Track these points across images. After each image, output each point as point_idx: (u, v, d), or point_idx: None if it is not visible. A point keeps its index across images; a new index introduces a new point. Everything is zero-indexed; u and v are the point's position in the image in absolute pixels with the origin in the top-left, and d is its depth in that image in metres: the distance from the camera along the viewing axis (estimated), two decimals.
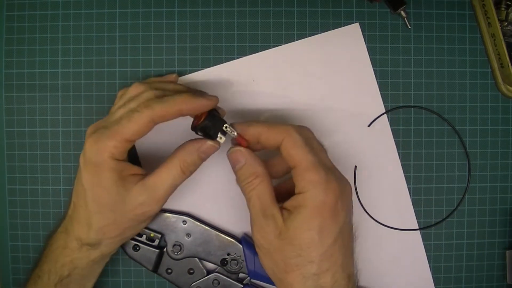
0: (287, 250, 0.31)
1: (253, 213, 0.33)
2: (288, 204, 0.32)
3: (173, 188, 0.35)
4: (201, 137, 0.35)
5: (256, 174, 0.33)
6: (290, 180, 0.33)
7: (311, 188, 0.31)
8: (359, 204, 0.42)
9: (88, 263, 0.36)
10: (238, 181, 0.34)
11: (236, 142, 0.35)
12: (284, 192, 0.35)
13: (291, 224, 0.31)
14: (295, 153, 0.32)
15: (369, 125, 0.42)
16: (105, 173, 0.33)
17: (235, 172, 0.34)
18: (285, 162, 0.33)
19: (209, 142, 0.34)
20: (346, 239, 0.32)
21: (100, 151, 0.32)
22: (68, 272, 0.35)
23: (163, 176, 0.34)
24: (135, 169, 0.34)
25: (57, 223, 0.37)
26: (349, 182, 0.33)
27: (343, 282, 0.31)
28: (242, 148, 0.34)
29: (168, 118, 0.33)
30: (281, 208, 0.32)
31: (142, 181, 0.34)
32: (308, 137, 0.34)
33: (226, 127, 0.34)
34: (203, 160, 0.35)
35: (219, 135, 0.34)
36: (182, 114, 0.33)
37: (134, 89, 0.35)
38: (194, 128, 0.35)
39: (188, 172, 0.35)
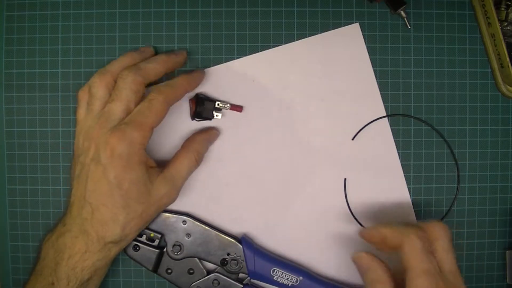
0: None
1: None
2: None
3: (188, 177, 0.38)
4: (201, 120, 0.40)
5: (378, 280, 0.33)
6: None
7: None
8: (360, 205, 0.42)
9: (107, 262, 0.36)
10: (365, 284, 0.35)
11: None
12: None
13: None
14: (410, 257, 0.32)
15: (368, 125, 0.42)
16: (136, 166, 0.34)
17: (361, 276, 0.35)
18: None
19: (214, 131, 0.40)
20: None
21: (132, 144, 0.34)
22: (89, 276, 0.35)
23: (181, 168, 0.37)
24: (152, 161, 0.37)
25: (54, 228, 0.36)
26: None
27: None
28: (364, 254, 0.35)
29: (178, 99, 0.37)
30: None
31: (162, 174, 0.37)
32: (432, 239, 0.34)
33: (218, 104, 0.39)
34: (209, 147, 0.40)
35: (214, 113, 0.40)
36: (187, 92, 0.38)
37: (99, 79, 0.37)
38: (193, 117, 0.40)
39: (200, 161, 0.39)
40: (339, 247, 0.42)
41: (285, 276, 0.40)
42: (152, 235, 0.40)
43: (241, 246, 0.40)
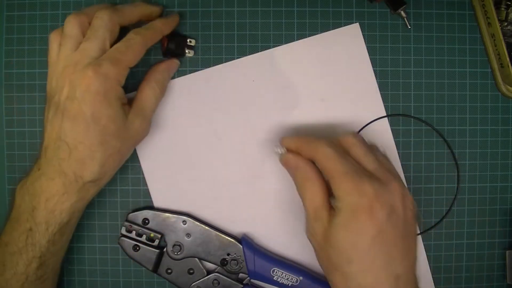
0: (329, 251, 0.33)
1: (307, 214, 0.34)
2: (334, 204, 0.33)
3: (156, 107, 0.39)
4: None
5: (307, 178, 0.34)
6: None
7: (345, 196, 0.32)
8: None
9: (84, 203, 0.36)
10: (295, 184, 0.36)
11: None
12: None
13: (332, 226, 0.32)
14: (326, 165, 0.33)
15: (368, 125, 0.42)
16: (113, 101, 0.34)
17: (293, 178, 0.36)
18: None
19: (173, 61, 0.40)
20: (390, 238, 0.31)
21: (109, 79, 0.33)
22: (68, 218, 0.35)
23: (147, 100, 0.37)
24: (125, 98, 0.36)
25: (28, 174, 0.35)
26: (395, 180, 0.33)
27: (387, 283, 0.31)
28: (290, 155, 0.36)
29: (155, 41, 0.38)
30: (331, 208, 0.33)
31: (132, 108, 0.36)
32: (347, 148, 0.35)
33: (190, 42, 0.41)
34: (170, 77, 0.41)
35: (187, 50, 0.41)
36: (163, 34, 0.39)
37: (73, 19, 0.35)
38: (164, 54, 0.41)
39: (164, 90, 0.39)
40: None
41: (285, 276, 0.40)
42: (152, 235, 0.40)
43: (241, 246, 0.40)
